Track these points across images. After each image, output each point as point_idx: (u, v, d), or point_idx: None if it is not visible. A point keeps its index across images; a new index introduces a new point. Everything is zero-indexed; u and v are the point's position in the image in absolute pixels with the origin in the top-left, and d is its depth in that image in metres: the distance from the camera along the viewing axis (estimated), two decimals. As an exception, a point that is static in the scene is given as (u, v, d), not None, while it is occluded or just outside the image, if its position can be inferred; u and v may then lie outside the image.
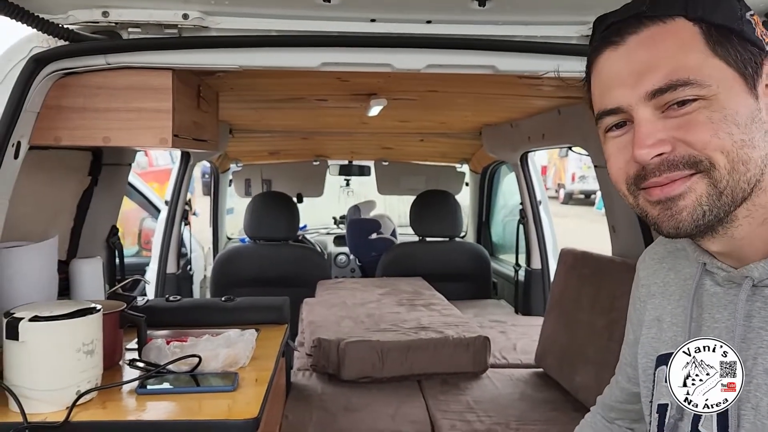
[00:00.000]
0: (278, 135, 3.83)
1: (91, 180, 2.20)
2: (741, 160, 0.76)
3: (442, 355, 2.49)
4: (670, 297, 0.96)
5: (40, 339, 1.35)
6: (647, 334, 0.99)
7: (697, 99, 0.76)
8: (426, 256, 4.05)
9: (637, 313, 1.05)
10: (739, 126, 0.75)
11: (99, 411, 1.41)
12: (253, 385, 1.58)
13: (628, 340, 1.10)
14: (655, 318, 0.98)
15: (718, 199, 0.77)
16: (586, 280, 2.36)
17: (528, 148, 3.36)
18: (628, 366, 1.13)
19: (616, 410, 1.24)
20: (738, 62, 0.76)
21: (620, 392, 1.19)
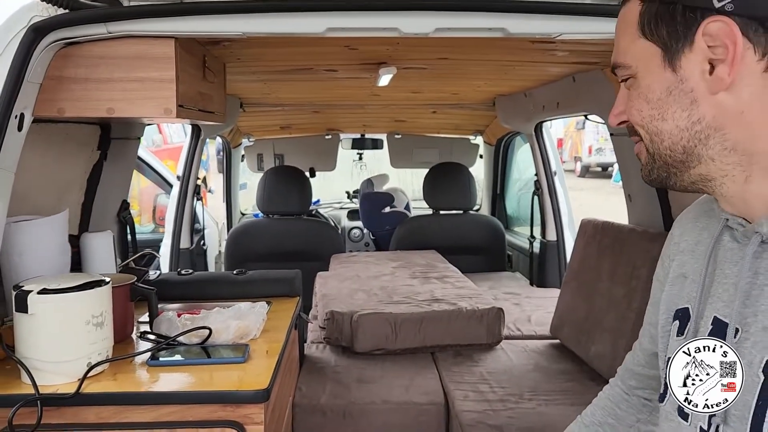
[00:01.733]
0: (289, 108, 3.79)
1: (100, 154, 2.19)
2: (653, 132, 0.84)
3: (455, 326, 2.47)
4: (699, 255, 0.95)
5: (49, 311, 1.35)
6: (670, 290, 0.99)
7: (630, 77, 0.86)
8: (440, 229, 4.02)
9: (665, 270, 1.04)
10: (649, 102, 0.84)
11: (110, 382, 1.41)
12: (264, 357, 1.58)
13: (653, 300, 1.09)
14: (680, 274, 0.98)
15: (653, 161, 0.87)
16: (606, 250, 2.32)
17: (542, 118, 3.30)
18: (651, 326, 1.11)
19: (637, 377, 1.22)
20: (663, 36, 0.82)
21: (642, 354, 1.18)
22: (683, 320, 0.92)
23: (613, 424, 1.28)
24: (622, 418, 1.26)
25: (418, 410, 2.06)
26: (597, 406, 1.33)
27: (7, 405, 1.27)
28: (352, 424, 2.04)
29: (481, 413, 1.91)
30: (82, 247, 1.93)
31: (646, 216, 2.33)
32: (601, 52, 2.06)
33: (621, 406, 1.26)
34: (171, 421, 1.36)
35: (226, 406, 1.37)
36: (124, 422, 1.35)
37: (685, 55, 0.80)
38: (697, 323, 0.89)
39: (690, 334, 0.89)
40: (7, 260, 1.61)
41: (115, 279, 1.68)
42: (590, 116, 2.69)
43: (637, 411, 1.24)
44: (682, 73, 0.81)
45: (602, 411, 1.31)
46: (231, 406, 1.37)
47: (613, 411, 1.28)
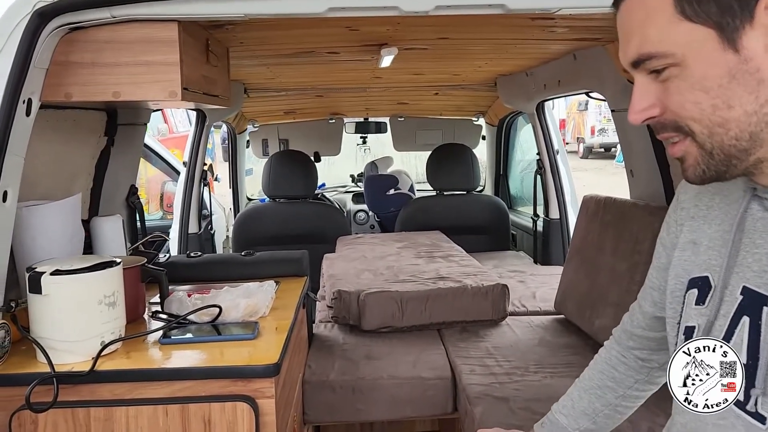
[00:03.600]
0: (293, 93, 3.81)
1: (107, 140, 2.22)
2: (716, 124, 0.77)
3: (461, 303, 2.51)
4: (712, 221, 0.94)
5: (63, 292, 1.38)
6: (680, 256, 0.98)
7: (669, 66, 0.77)
8: (444, 209, 4.04)
9: (671, 236, 1.03)
10: (708, 91, 0.76)
11: (124, 360, 1.45)
12: (274, 333, 1.62)
13: (658, 265, 1.09)
14: (691, 240, 0.97)
15: (710, 158, 0.79)
16: (608, 226, 2.34)
17: (544, 97, 3.31)
18: (654, 290, 1.12)
19: (635, 338, 1.24)
20: (713, 15, 0.74)
21: (643, 317, 1.19)
22: (703, 288, 0.91)
23: (612, 387, 1.30)
24: (621, 380, 1.28)
25: (426, 385, 2.10)
26: (594, 370, 1.35)
27: (24, 383, 1.31)
28: (362, 399, 2.08)
29: (487, 386, 1.95)
30: (93, 231, 1.97)
31: (648, 191, 2.35)
32: (601, 27, 2.07)
33: (619, 369, 1.28)
34: (184, 396, 1.40)
35: (237, 381, 1.41)
36: (139, 398, 1.39)
37: (745, 33, 0.73)
38: (722, 293, 0.87)
39: (713, 303, 0.88)
40: (20, 244, 1.65)
41: (126, 261, 1.72)
42: (592, 94, 2.70)
43: (636, 372, 1.26)
44: (745, 53, 0.74)
45: (600, 374, 1.32)
46: (242, 380, 1.41)
47: (611, 374, 1.30)
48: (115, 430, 1.38)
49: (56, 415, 1.36)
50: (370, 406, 2.08)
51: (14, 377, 1.37)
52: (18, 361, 1.42)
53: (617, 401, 1.30)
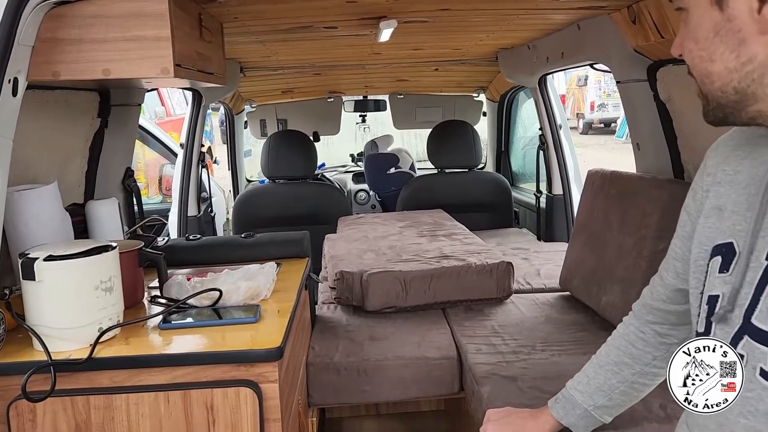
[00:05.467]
0: (290, 71, 3.74)
1: (101, 122, 2.17)
2: (703, 74, 0.82)
3: (465, 282, 2.47)
4: (738, 185, 0.91)
5: (57, 278, 1.34)
6: (704, 223, 0.95)
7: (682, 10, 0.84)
8: (446, 187, 3.99)
9: (697, 203, 1.00)
10: (697, 42, 0.81)
11: (123, 347, 1.41)
12: (276, 316, 1.58)
13: (682, 234, 1.06)
14: (716, 207, 0.94)
15: (707, 103, 0.84)
16: (614, 200, 2.29)
17: (546, 70, 3.24)
18: (678, 260, 1.09)
19: (656, 312, 1.20)
20: None
21: (664, 289, 1.15)
22: (727, 255, 0.88)
23: (629, 363, 1.27)
24: (638, 357, 1.25)
25: (431, 365, 2.06)
26: (611, 346, 1.32)
27: (21, 372, 1.28)
28: (366, 380, 2.05)
29: (494, 365, 1.91)
30: (88, 215, 1.92)
31: (655, 164, 2.30)
32: (607, -6, 2.01)
33: (637, 345, 1.24)
34: (185, 382, 1.36)
35: (240, 366, 1.37)
36: (139, 385, 1.36)
37: None
38: (747, 258, 0.84)
39: (738, 270, 0.85)
40: (13, 230, 1.60)
41: (123, 245, 1.67)
42: (596, 65, 2.63)
43: (654, 348, 1.22)
44: (729, 12, 0.77)
45: (617, 351, 1.29)
46: (245, 365, 1.37)
47: (628, 350, 1.27)
48: (116, 417, 1.35)
49: (54, 404, 1.33)
50: (376, 387, 2.05)
51: (10, 366, 1.33)
52: (14, 350, 1.39)
53: (634, 378, 1.27)
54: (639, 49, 2.14)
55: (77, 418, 1.34)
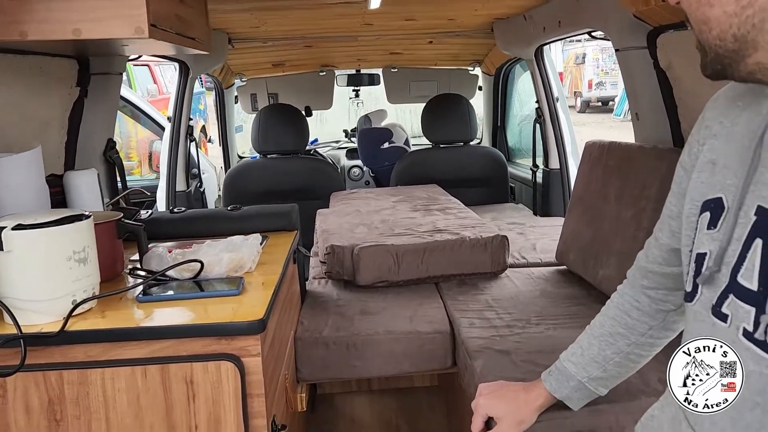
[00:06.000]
0: (280, 43, 3.64)
1: (80, 91, 2.09)
2: (700, 21, 0.76)
3: (459, 256, 2.41)
4: (733, 139, 0.86)
5: (26, 248, 1.28)
6: (697, 178, 0.91)
7: None
8: (440, 162, 3.92)
9: (692, 158, 0.95)
10: None
11: (99, 320, 1.35)
12: (260, 289, 1.52)
13: (677, 190, 1.01)
14: (710, 161, 0.89)
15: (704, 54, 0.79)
16: (612, 172, 2.23)
17: (543, 40, 3.15)
18: (672, 218, 1.04)
19: (651, 276, 1.15)
20: None
21: (659, 251, 1.10)
22: (715, 211, 0.84)
23: (624, 334, 1.22)
24: (633, 327, 1.20)
25: (423, 339, 2.01)
26: (605, 316, 1.27)
27: (-10, 347, 1.22)
28: (356, 355, 2.00)
29: (487, 339, 1.86)
30: (66, 186, 1.85)
31: (654, 134, 2.24)
32: (605, -45, 1.92)
33: (632, 314, 1.20)
34: (164, 356, 1.31)
35: (221, 339, 1.31)
36: (115, 359, 1.30)
37: None
38: (736, 214, 0.80)
39: (726, 226, 0.81)
40: (-16, 200, 1.54)
41: (101, 216, 1.61)
42: (594, 33, 2.55)
43: (650, 318, 1.17)
44: None
45: (611, 321, 1.24)
46: (226, 338, 1.32)
47: (623, 320, 1.22)
48: (91, 393, 1.29)
49: (26, 379, 1.27)
50: (366, 362, 2.00)
51: (-22, 340, 1.27)
52: (-18, 323, 1.32)
53: (629, 349, 1.23)
54: (639, 14, 2.06)
55: (50, 394, 1.28)
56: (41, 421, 1.29)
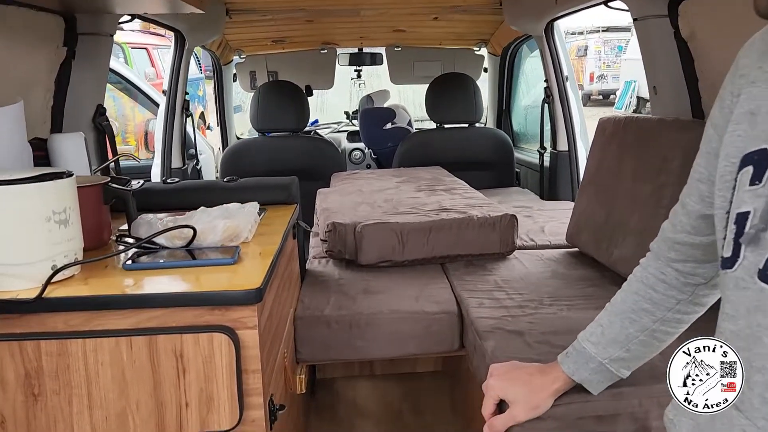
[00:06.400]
0: (280, 17, 3.51)
1: (67, 52, 1.97)
2: None
3: (466, 235, 2.30)
4: None
5: (1, 205, 1.16)
6: (733, 131, 0.81)
7: None
8: (445, 143, 3.79)
9: (725, 111, 0.86)
10: None
11: (81, 287, 1.24)
12: (258, 258, 1.41)
13: (707, 150, 0.92)
14: (748, 111, 0.80)
15: None
16: (628, 147, 2.12)
17: (555, 14, 3.03)
18: (702, 182, 0.94)
19: (678, 247, 1.05)
20: None
21: (687, 218, 1.00)
22: (760, 164, 0.75)
23: (649, 310, 1.12)
24: (660, 302, 1.10)
25: (430, 319, 1.90)
26: (628, 292, 1.17)
27: (-40, 312, 1.11)
28: (359, 334, 1.89)
29: (498, 319, 1.75)
30: (51, 150, 1.73)
31: (673, 109, 2.13)
32: None
33: (657, 289, 1.09)
34: (152, 327, 1.19)
35: (214, 309, 1.20)
36: (98, 330, 1.19)
37: None
38: None
39: None
40: (-41, 158, 1.42)
41: (86, 179, 1.50)
42: (611, 3, 2.43)
43: (678, 291, 1.07)
44: None
45: (635, 296, 1.14)
46: (220, 309, 1.20)
47: (648, 294, 1.11)
48: (71, 365, 1.18)
49: (1, 349, 1.16)
50: (370, 343, 1.89)
51: (-53, 306, 1.16)
52: (-47, 288, 1.21)
53: (655, 326, 1.12)
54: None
55: (27, 366, 1.17)
56: (17, 395, 1.17)
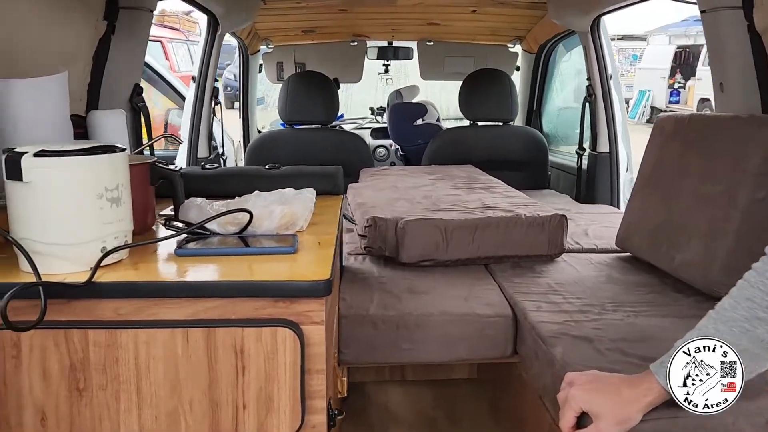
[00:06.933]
0: (314, 4, 3.40)
1: (107, 26, 1.86)
2: None
3: (513, 235, 2.19)
4: None
5: (51, 180, 1.05)
6: None
7: None
8: (478, 142, 3.67)
9: None
10: None
11: (131, 272, 1.13)
12: (317, 248, 1.29)
13: None
14: None
15: None
16: (693, 145, 2.00)
17: (605, 8, 2.91)
18: None
19: None
20: None
21: None
22: None
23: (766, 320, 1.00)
24: None
25: (483, 322, 1.79)
26: (739, 298, 1.04)
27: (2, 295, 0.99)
28: (407, 336, 1.78)
29: (562, 324, 1.64)
30: (90, 127, 1.63)
31: (742, 107, 2.01)
32: None
33: None
34: (210, 318, 1.08)
35: (278, 302, 1.09)
36: (151, 320, 1.08)
37: None
38: None
39: None
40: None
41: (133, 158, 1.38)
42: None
43: None
44: None
45: (749, 303, 1.02)
46: (284, 301, 1.09)
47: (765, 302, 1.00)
48: (120, 358, 1.07)
49: (44, 337, 1.05)
50: (418, 345, 1.78)
51: (-12, 288, 1.05)
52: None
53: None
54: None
55: (72, 357, 1.06)
56: (60, 389, 1.06)
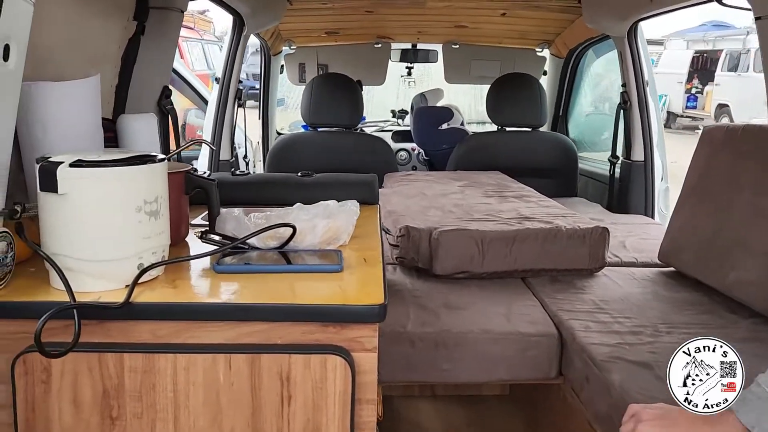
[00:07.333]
0: (340, 5, 3.32)
1: (137, 26, 1.79)
2: None
3: (553, 247, 2.09)
4: None
5: (87, 191, 0.98)
6: None
7: None
8: (505, 148, 3.57)
9: None
10: None
11: (168, 291, 1.05)
12: (363, 265, 1.21)
13: None
14: None
15: None
16: (745, 155, 1.90)
17: (644, 13, 2.81)
18: None
19: None
20: None
21: None
22: None
23: None
24: None
25: (527, 342, 1.70)
26: None
27: (33, 315, 0.92)
28: (446, 355, 1.69)
29: (614, 347, 1.54)
30: (120, 131, 1.55)
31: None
32: None
33: None
34: (254, 343, 1.00)
35: (327, 327, 1.01)
36: (190, 343, 1.00)
37: None
38: None
39: None
40: (28, 135, 1.24)
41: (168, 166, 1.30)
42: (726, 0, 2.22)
43: None
44: None
45: None
46: (334, 326, 1.01)
47: None
48: (158, 384, 0.99)
49: (77, 362, 0.97)
50: (457, 365, 1.70)
51: (19, 307, 0.98)
52: (24, 287, 1.03)
53: None
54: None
55: (105, 383, 0.98)
56: (92, 417, 0.99)
